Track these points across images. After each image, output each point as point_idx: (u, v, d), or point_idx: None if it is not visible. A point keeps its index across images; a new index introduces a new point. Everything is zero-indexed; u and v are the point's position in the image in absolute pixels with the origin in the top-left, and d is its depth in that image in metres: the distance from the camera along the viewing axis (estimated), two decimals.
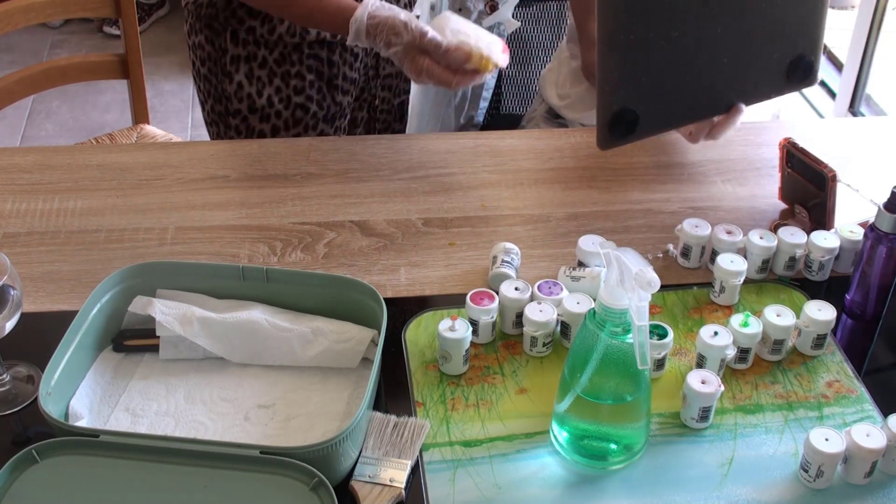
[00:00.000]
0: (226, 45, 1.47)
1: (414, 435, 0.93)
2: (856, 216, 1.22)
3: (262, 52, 1.46)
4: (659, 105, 1.21)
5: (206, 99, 1.56)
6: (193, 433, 0.94)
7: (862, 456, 0.90)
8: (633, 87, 1.17)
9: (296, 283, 1.03)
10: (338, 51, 1.49)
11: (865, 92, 2.78)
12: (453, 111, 2.02)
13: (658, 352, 1.01)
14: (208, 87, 1.53)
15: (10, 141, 3.14)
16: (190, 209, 1.26)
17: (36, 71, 1.79)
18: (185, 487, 0.84)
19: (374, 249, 1.20)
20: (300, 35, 1.45)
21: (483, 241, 1.22)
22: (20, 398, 0.98)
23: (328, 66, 1.50)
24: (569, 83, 1.66)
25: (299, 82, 1.49)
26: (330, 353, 1.00)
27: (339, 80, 1.52)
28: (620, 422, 0.92)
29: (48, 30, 3.69)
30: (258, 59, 1.47)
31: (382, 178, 1.34)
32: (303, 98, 1.49)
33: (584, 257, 1.14)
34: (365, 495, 0.87)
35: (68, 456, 0.85)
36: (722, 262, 1.11)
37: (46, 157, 1.37)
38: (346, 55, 1.51)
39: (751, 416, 0.99)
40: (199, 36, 1.50)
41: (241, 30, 1.45)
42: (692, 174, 1.37)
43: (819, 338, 1.05)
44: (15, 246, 1.19)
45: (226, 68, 1.48)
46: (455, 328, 1.00)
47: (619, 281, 0.84)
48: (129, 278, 1.03)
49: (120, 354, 1.02)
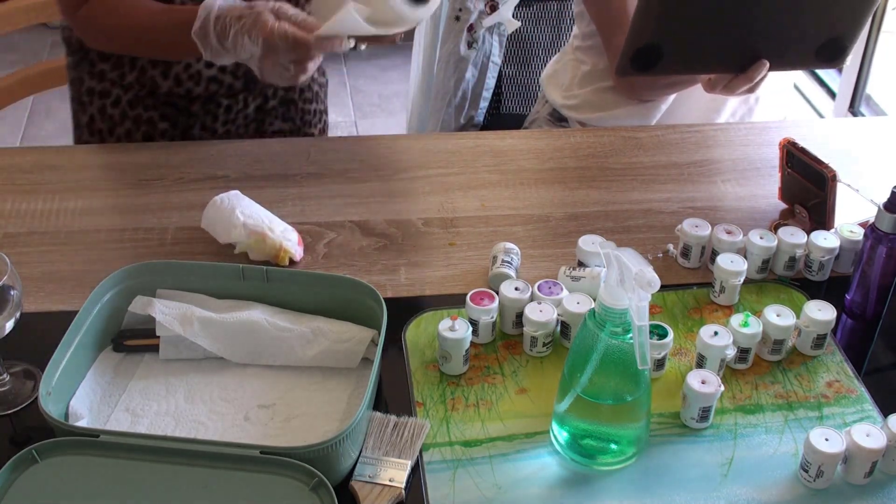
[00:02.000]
0: (83, 76, 1.42)
1: (414, 435, 0.93)
2: (856, 216, 1.22)
3: (117, 90, 1.41)
4: (686, 47, 1.20)
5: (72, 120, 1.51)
6: (193, 433, 0.94)
7: (862, 456, 0.90)
8: (666, 24, 1.17)
9: (296, 283, 1.03)
10: (199, 101, 1.42)
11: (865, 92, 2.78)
12: (453, 111, 2.02)
13: (658, 352, 1.01)
14: (72, 110, 1.49)
15: (10, 141, 3.14)
16: (190, 209, 1.25)
17: (36, 71, 1.79)
18: (185, 487, 0.84)
19: (374, 249, 1.20)
20: (149, 89, 1.39)
21: (483, 241, 1.22)
22: (20, 398, 0.98)
23: (186, 115, 1.42)
24: (576, 86, 1.66)
25: (150, 129, 1.42)
26: (330, 353, 1.00)
27: (195, 129, 1.44)
28: (620, 422, 0.92)
29: (48, 30, 3.68)
30: (112, 97, 1.41)
31: (382, 178, 1.34)
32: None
33: (584, 257, 1.14)
34: (365, 495, 0.87)
35: (68, 456, 0.85)
36: (722, 262, 1.11)
37: (46, 157, 1.37)
38: (209, 106, 1.42)
39: (751, 416, 0.99)
40: (69, 58, 1.46)
41: (94, 69, 1.41)
42: (692, 174, 1.37)
43: (819, 338, 1.05)
44: (15, 246, 1.19)
45: (82, 98, 1.44)
46: (455, 328, 1.00)
47: (619, 281, 0.84)
48: (129, 278, 1.03)
49: (120, 354, 1.02)
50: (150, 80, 1.38)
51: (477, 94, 1.99)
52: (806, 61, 1.32)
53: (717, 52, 1.22)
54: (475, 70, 1.98)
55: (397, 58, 3.61)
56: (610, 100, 1.61)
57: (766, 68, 1.26)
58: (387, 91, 3.54)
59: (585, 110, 1.64)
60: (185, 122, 1.43)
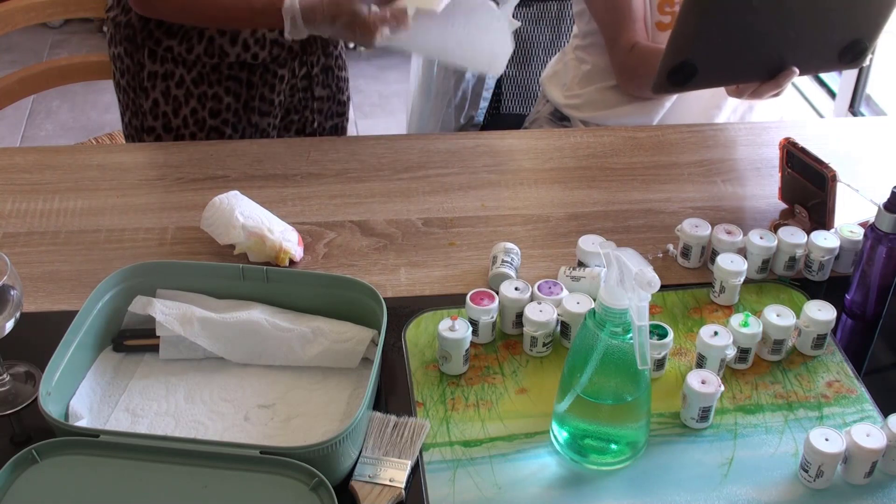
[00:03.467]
0: (144, 61, 1.44)
1: (414, 435, 0.93)
2: (856, 216, 1.21)
3: (180, 70, 1.44)
4: (719, 62, 1.26)
5: (124, 111, 1.53)
6: (193, 433, 0.94)
7: (862, 456, 0.90)
8: (701, 43, 1.22)
9: (296, 283, 1.03)
10: (258, 72, 1.47)
11: (865, 92, 2.78)
12: (453, 111, 2.02)
13: (658, 352, 1.01)
14: (126, 100, 1.51)
15: (10, 141, 3.14)
16: (190, 209, 1.26)
17: (36, 71, 1.79)
18: (185, 487, 0.84)
19: (374, 249, 1.20)
20: (219, 56, 1.42)
21: (483, 241, 1.22)
22: (20, 398, 0.98)
23: (247, 87, 1.47)
24: (577, 85, 1.67)
25: (216, 105, 1.46)
26: (330, 353, 1.00)
27: (255, 101, 1.49)
28: (620, 422, 0.92)
29: (48, 30, 3.69)
30: (175, 78, 1.44)
31: (382, 178, 1.34)
32: (218, 121, 1.48)
33: (584, 257, 1.14)
34: (365, 495, 0.87)
35: (68, 456, 0.85)
36: (722, 262, 1.11)
37: (46, 157, 1.37)
38: (267, 76, 1.48)
39: (751, 416, 0.99)
40: (118, 48, 1.47)
41: (158, 49, 1.42)
42: (692, 174, 1.37)
43: (819, 338, 1.05)
44: (15, 246, 1.19)
45: (143, 84, 1.46)
46: (455, 328, 1.00)
47: (619, 281, 0.84)
48: (129, 278, 1.03)
49: (120, 354, 1.02)
50: (219, 49, 1.41)
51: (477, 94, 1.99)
52: (830, 64, 1.37)
53: (747, 62, 1.27)
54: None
55: (397, 58, 3.61)
56: (613, 98, 1.62)
57: (795, 75, 1.30)
58: (387, 91, 3.54)
59: (588, 109, 1.64)
60: (247, 93, 1.48)
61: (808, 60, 1.30)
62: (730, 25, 1.21)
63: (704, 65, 1.24)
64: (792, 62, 1.27)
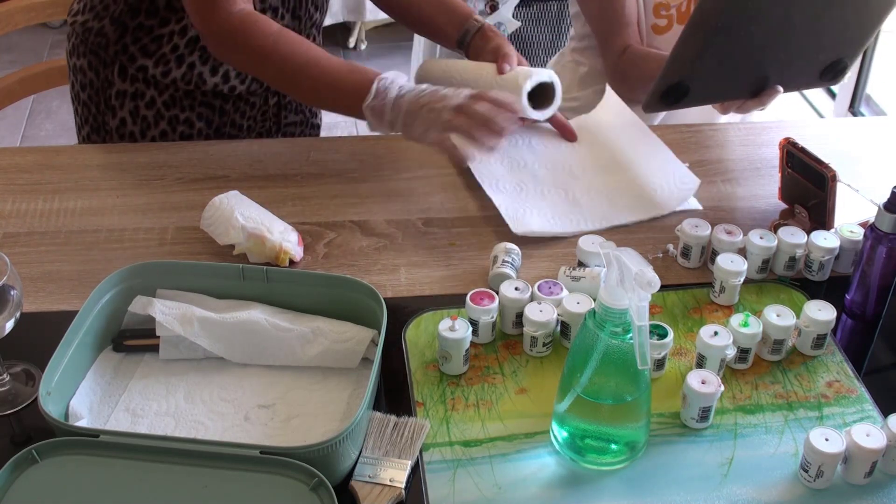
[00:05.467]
0: (112, 79, 1.39)
1: (414, 435, 0.93)
2: (856, 216, 1.21)
3: (151, 91, 1.39)
4: (710, 82, 1.28)
5: (82, 124, 1.48)
6: (193, 433, 0.94)
7: (862, 456, 0.90)
8: (696, 64, 1.24)
9: (296, 283, 1.03)
10: (232, 100, 1.44)
11: (865, 92, 2.78)
12: None
13: (658, 352, 1.01)
14: (86, 114, 1.46)
15: (10, 141, 3.14)
16: (190, 209, 1.25)
17: (36, 71, 1.79)
18: (185, 487, 0.84)
19: (374, 249, 1.20)
20: (195, 84, 1.38)
21: (483, 241, 1.22)
22: (20, 398, 0.98)
23: (219, 114, 1.44)
24: (575, 87, 1.67)
25: (187, 129, 1.43)
26: (330, 353, 1.00)
27: (226, 127, 1.46)
28: (620, 422, 0.92)
29: (48, 30, 3.69)
30: (146, 99, 1.40)
31: (382, 178, 1.34)
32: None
33: (584, 257, 1.14)
34: (365, 495, 0.87)
35: (68, 456, 0.85)
36: (722, 262, 1.11)
37: (46, 157, 1.37)
38: (240, 104, 1.45)
39: (751, 416, 0.99)
40: (81, 59, 1.42)
41: (130, 67, 1.38)
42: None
43: (819, 338, 1.05)
44: (15, 246, 1.19)
45: (110, 102, 1.41)
46: (455, 328, 1.00)
47: (619, 281, 0.84)
48: (129, 278, 1.03)
49: (120, 354, 1.02)
50: (198, 76, 1.38)
51: None
52: (812, 82, 1.42)
53: (735, 82, 1.30)
54: None
55: (397, 58, 3.61)
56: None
57: (779, 94, 1.32)
58: None
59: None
60: (219, 120, 1.45)
61: (792, 79, 1.34)
62: (727, 49, 1.23)
63: (696, 85, 1.26)
64: (776, 81, 1.31)
